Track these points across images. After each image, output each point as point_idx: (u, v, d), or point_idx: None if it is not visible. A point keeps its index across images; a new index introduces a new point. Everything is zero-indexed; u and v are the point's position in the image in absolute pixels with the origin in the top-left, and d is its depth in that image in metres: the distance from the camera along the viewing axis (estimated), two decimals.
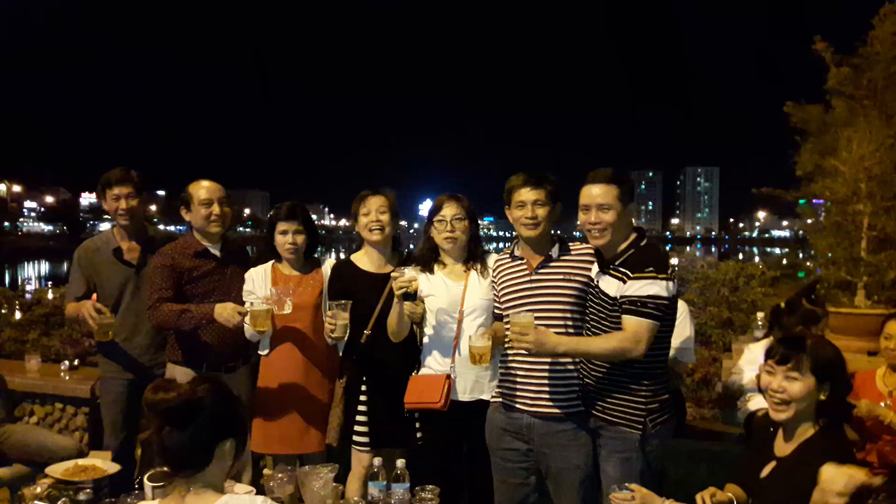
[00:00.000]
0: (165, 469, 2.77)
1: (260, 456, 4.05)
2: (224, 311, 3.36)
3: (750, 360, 3.57)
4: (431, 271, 3.35)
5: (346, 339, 3.41)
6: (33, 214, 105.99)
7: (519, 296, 3.10)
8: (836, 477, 1.92)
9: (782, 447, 2.39)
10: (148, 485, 2.72)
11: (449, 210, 3.30)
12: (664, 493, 2.61)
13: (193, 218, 3.68)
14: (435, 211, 3.33)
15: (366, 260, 3.57)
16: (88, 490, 2.87)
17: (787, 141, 8.13)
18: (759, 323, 4.88)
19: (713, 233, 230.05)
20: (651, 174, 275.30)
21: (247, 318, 3.34)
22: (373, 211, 3.46)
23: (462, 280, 3.32)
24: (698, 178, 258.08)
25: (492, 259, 3.36)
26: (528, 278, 3.10)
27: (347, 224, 4.07)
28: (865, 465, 3.20)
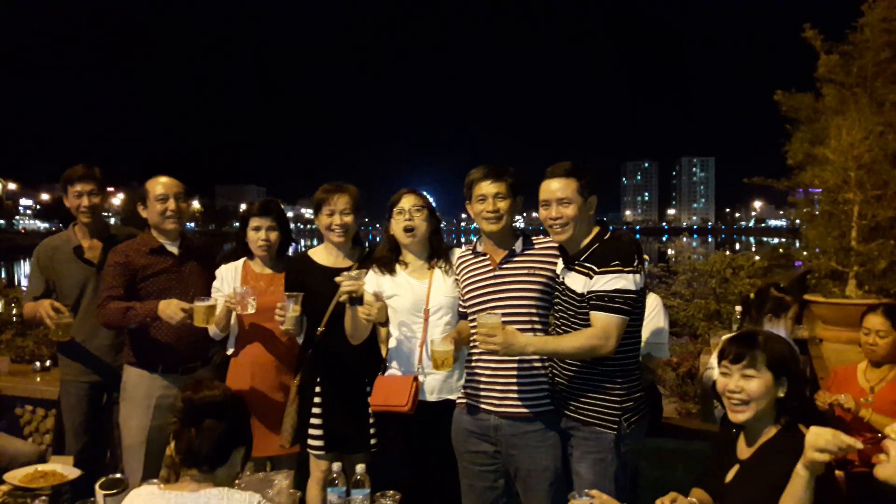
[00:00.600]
0: (118, 476, 2.72)
1: None
2: (167, 308, 3.29)
3: None
4: (393, 272, 3.24)
5: (302, 333, 3.34)
6: (29, 212, 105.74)
7: (482, 292, 2.99)
8: (821, 432, 1.86)
9: (744, 450, 2.30)
10: (99, 493, 2.64)
11: (407, 201, 3.20)
12: (638, 494, 2.52)
13: (149, 214, 3.60)
14: (393, 204, 3.24)
15: (323, 254, 3.47)
16: (45, 497, 2.78)
17: (782, 130, 8.08)
18: (738, 315, 4.78)
19: (709, 223, 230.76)
20: (647, 164, 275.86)
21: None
22: (337, 212, 3.34)
23: (426, 278, 3.22)
24: (694, 168, 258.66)
25: (455, 255, 3.25)
26: (491, 274, 3.00)
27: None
28: (845, 465, 3.11)
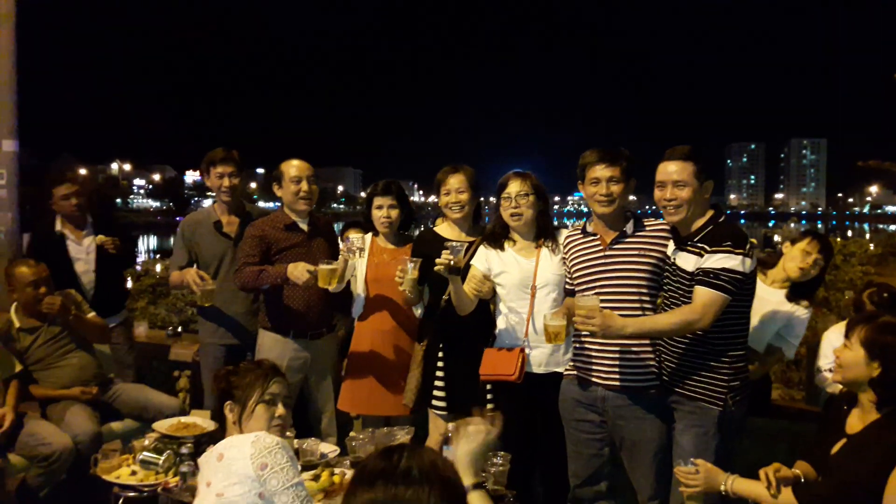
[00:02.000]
0: None
1: (349, 419, 4.26)
2: (295, 270, 3.54)
3: (831, 343, 3.47)
4: (502, 248, 3.39)
5: (420, 303, 3.61)
6: (142, 191, 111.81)
7: (592, 272, 3.10)
8: None
9: (853, 425, 2.37)
10: None
11: (514, 187, 3.33)
12: (738, 471, 2.60)
13: (284, 194, 3.88)
14: (501, 188, 3.37)
15: (447, 229, 3.70)
16: (190, 444, 3.12)
17: None
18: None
19: (820, 208, 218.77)
20: (753, 146, 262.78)
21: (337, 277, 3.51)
22: (452, 191, 3.58)
23: (533, 256, 3.36)
24: (804, 151, 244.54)
25: (562, 235, 3.38)
26: (601, 254, 3.10)
27: (436, 200, 4.39)
28: None
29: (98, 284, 4.49)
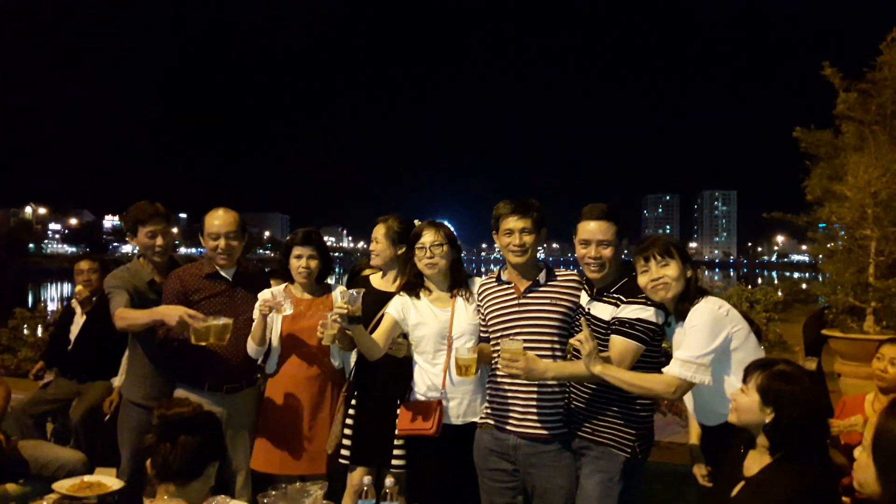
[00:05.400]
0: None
1: (260, 475, 4.12)
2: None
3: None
4: (417, 297, 3.40)
5: (338, 352, 3.55)
6: (57, 236, 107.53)
7: (506, 319, 3.15)
8: None
9: (750, 467, 2.44)
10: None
11: (428, 237, 3.35)
12: None
13: (205, 246, 3.77)
14: (415, 238, 3.39)
15: (378, 278, 3.68)
16: None
17: (803, 165, 8.16)
18: None
19: (731, 257, 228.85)
20: (668, 197, 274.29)
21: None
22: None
23: (448, 307, 3.38)
24: (716, 202, 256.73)
25: (476, 283, 3.43)
26: (515, 302, 3.17)
27: (365, 247, 4.35)
28: (851, 491, 3.21)
29: None
